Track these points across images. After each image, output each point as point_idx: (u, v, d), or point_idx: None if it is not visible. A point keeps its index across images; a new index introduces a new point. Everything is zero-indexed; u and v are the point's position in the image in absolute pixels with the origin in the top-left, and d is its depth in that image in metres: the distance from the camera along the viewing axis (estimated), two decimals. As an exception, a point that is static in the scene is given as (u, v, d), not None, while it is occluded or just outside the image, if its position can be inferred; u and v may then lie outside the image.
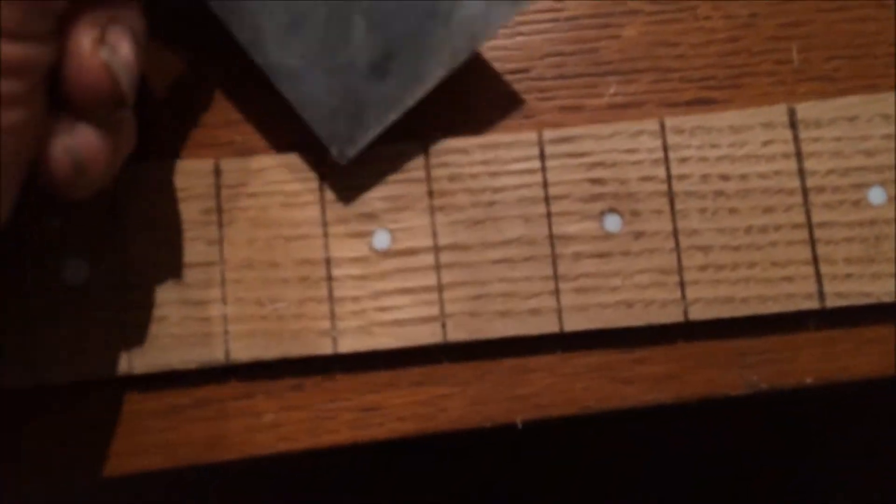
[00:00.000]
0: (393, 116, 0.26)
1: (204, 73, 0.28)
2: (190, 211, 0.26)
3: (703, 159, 0.27)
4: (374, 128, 0.26)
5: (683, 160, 0.27)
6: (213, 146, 0.28)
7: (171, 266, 0.26)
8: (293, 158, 0.27)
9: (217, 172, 0.27)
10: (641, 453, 0.67)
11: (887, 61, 0.28)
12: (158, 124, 0.28)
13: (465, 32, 0.26)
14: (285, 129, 0.28)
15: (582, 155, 0.27)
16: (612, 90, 0.28)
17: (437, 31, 0.26)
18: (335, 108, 0.26)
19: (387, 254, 0.26)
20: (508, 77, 0.28)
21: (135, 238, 0.26)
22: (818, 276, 0.26)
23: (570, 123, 0.28)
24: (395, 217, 0.26)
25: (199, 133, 0.28)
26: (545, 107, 0.28)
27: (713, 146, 0.27)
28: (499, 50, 0.29)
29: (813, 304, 0.26)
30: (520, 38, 0.29)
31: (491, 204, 0.26)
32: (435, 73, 0.26)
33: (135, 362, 0.26)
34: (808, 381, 0.27)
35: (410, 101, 0.26)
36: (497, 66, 0.29)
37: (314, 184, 0.27)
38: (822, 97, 0.28)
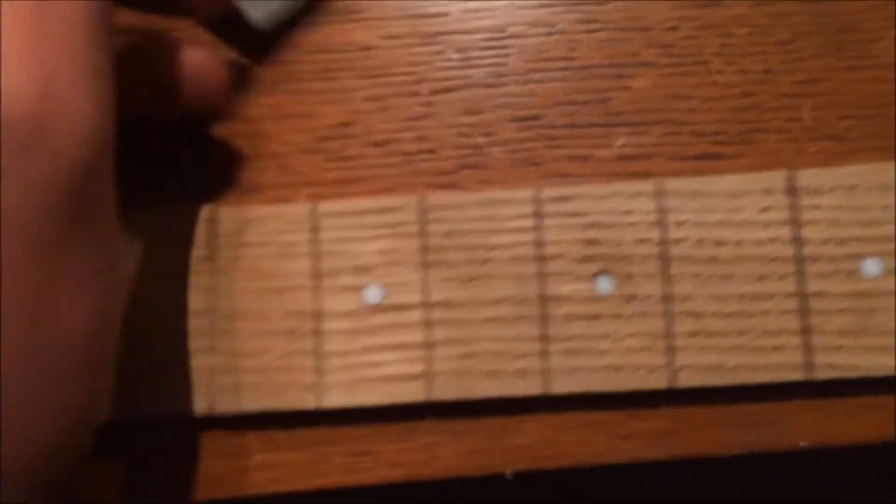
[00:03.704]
0: None
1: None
2: (184, 258, 0.26)
3: (700, 224, 0.26)
4: None
5: (680, 224, 0.26)
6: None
7: (165, 313, 0.26)
8: (289, 209, 0.27)
9: (212, 220, 0.27)
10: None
11: (900, 123, 0.28)
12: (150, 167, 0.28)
13: None
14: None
15: (579, 214, 0.26)
16: (620, 142, 0.28)
17: None
18: None
19: (377, 308, 0.26)
20: (518, 124, 0.28)
21: (131, 283, 0.26)
22: (809, 347, 0.26)
23: (578, 173, 0.28)
24: (388, 271, 0.26)
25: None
26: (554, 155, 0.28)
27: (710, 211, 0.26)
28: (510, 97, 0.28)
29: (801, 376, 0.26)
30: (531, 86, 0.29)
31: (485, 261, 0.26)
32: None
33: (120, 409, 0.26)
34: (803, 444, 0.27)
35: None
36: (507, 112, 0.28)
37: (308, 235, 0.27)
38: (832, 156, 0.28)
